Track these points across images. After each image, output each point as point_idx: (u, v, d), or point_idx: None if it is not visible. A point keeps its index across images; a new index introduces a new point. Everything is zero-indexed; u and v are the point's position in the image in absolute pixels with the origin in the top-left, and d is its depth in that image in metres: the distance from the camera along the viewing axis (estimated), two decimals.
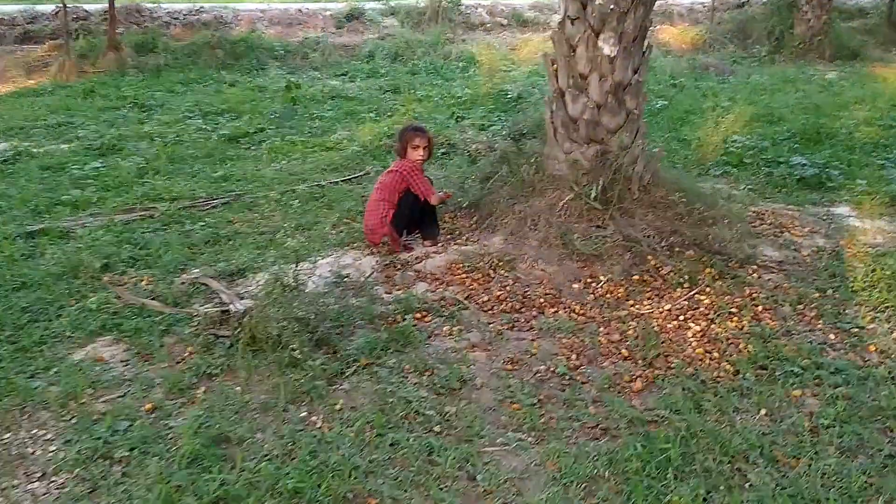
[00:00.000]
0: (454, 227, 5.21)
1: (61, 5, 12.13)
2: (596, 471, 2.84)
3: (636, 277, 4.40)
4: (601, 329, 3.91)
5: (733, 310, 4.03)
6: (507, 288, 4.32)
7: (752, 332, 3.82)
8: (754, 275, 4.45)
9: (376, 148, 7.35)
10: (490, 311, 4.10)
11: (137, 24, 13.80)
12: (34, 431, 3.07)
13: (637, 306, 4.13)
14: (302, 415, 3.19)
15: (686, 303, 4.12)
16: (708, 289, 4.26)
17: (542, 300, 4.18)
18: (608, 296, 4.25)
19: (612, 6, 4.57)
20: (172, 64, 12.02)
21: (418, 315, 4.00)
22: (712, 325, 3.90)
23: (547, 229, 4.68)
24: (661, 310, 4.07)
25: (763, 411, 3.23)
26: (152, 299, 4.13)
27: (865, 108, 8.89)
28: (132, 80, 10.98)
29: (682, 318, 3.98)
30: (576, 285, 4.35)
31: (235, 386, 3.36)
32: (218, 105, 9.36)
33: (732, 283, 4.30)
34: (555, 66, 4.91)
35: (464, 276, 4.46)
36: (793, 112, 8.78)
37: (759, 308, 4.06)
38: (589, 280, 4.40)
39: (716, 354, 3.64)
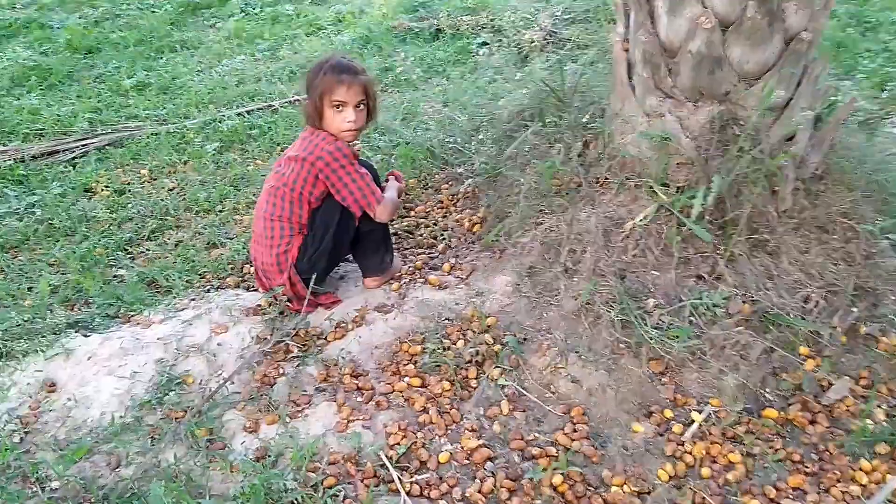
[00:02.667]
0: (445, 226, 2.93)
1: None
2: None
3: (771, 414, 2.10)
4: None
5: None
6: (498, 421, 2.12)
7: None
8: None
9: (386, 32, 4.92)
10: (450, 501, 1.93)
11: None
12: None
13: None
14: None
15: None
16: None
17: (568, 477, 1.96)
18: (708, 468, 1.98)
19: None
20: None
21: None
22: None
23: (594, 280, 2.35)
24: None
25: None
26: None
27: None
28: None
29: None
30: (641, 427, 2.09)
31: None
32: None
33: None
34: None
35: (418, 380, 2.26)
36: None
37: None
38: (671, 415, 2.12)
39: None
